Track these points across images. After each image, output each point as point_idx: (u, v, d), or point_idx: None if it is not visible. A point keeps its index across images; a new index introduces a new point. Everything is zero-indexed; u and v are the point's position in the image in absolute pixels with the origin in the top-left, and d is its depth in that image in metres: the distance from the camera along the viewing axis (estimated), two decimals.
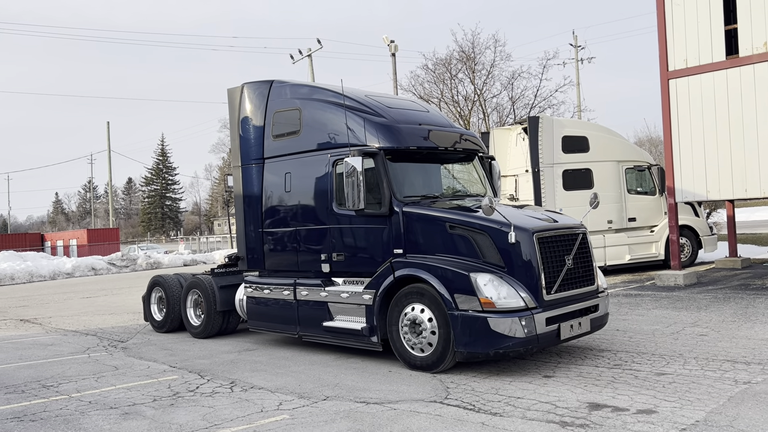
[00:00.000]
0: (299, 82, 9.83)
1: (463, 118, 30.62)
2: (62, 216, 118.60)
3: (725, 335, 8.65)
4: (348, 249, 8.52)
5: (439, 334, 7.26)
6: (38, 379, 8.11)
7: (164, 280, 11.53)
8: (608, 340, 8.72)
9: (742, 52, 13.02)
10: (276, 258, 9.58)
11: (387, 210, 8.04)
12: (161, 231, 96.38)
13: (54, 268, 30.18)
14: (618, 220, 16.38)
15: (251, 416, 6.13)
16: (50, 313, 15.68)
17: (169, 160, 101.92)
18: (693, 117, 13.69)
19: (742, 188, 13.21)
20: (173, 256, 36.05)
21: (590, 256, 7.90)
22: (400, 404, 6.26)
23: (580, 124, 20.61)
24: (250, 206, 9.85)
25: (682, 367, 7.12)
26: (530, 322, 6.92)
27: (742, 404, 5.72)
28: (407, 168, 8.55)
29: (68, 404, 6.85)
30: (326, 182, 8.69)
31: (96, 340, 11.15)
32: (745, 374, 6.69)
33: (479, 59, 30.70)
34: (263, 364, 8.41)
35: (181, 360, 8.98)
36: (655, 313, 10.65)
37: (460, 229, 7.60)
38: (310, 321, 8.78)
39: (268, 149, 9.61)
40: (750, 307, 10.69)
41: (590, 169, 16.10)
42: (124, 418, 6.27)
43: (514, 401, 6.16)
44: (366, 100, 8.79)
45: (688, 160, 13.83)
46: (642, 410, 5.70)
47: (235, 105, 10.13)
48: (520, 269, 7.16)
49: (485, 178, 9.37)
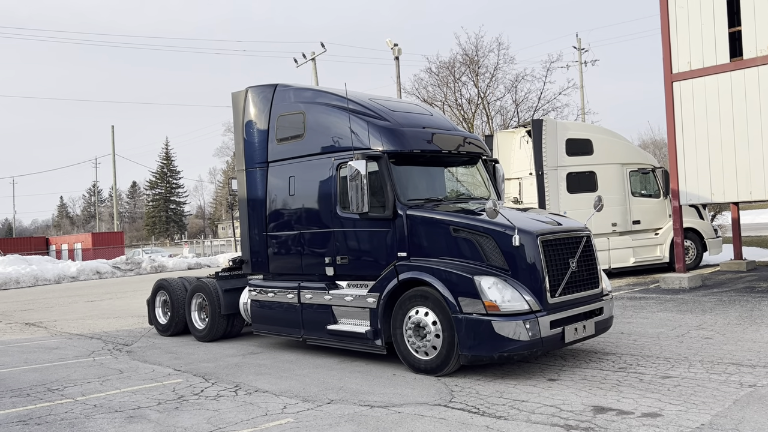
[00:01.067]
0: (303, 86, 9.86)
1: (466, 121, 30.62)
2: (67, 220, 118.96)
3: (730, 338, 8.62)
4: (352, 252, 8.53)
5: (444, 337, 7.25)
6: (43, 383, 8.14)
7: (169, 283, 11.56)
8: (613, 343, 8.71)
9: (746, 55, 12.99)
10: (280, 261, 9.59)
11: (391, 213, 8.05)
12: (165, 234, 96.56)
13: (59, 272, 30.26)
14: (622, 222, 16.35)
15: (256, 420, 6.14)
16: (55, 316, 15.73)
17: (174, 163, 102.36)
18: (697, 119, 13.67)
19: (747, 191, 13.17)
20: (177, 260, 36.15)
21: (594, 258, 7.89)
22: (405, 407, 6.26)
23: (584, 127, 20.58)
24: (255, 210, 9.87)
25: (687, 370, 7.10)
26: (534, 325, 6.91)
27: (748, 407, 5.70)
28: (411, 171, 8.56)
29: (73, 408, 6.87)
30: (330, 185, 8.71)
31: (101, 343, 11.18)
32: (750, 377, 6.67)
33: (483, 62, 30.77)
34: (267, 368, 8.42)
35: (186, 363, 9.00)
36: (659, 316, 10.62)
37: (464, 232, 7.60)
38: (315, 324, 8.79)
39: (273, 153, 9.63)
40: (755, 310, 10.65)
41: (594, 172, 16.08)
42: (129, 421, 6.29)
43: (519, 404, 6.15)
44: (369, 104, 8.81)
45: (692, 162, 13.80)
46: (647, 413, 5.68)
47: (240, 109, 10.17)
48: (524, 272, 7.15)
49: (489, 181, 9.37)
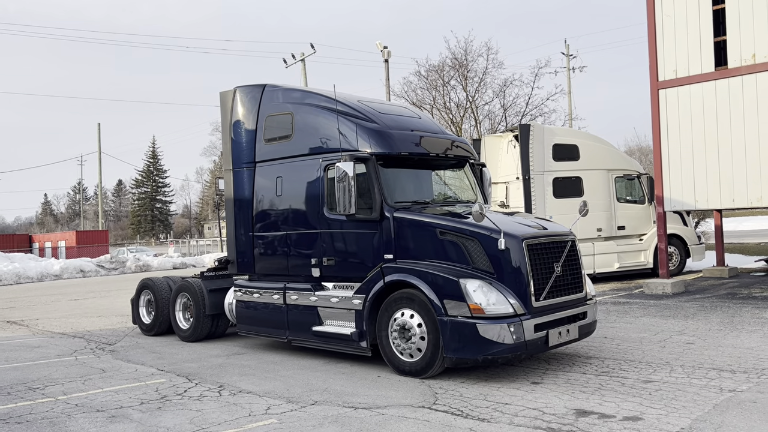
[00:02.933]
0: (292, 87, 9.85)
1: (455, 125, 30.72)
2: (51, 217, 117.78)
3: (711, 344, 8.72)
4: (338, 254, 8.53)
5: (429, 339, 7.27)
6: (24, 382, 8.06)
7: (153, 282, 11.49)
8: (596, 347, 8.77)
9: (730, 64, 13.17)
10: (266, 262, 9.57)
11: (378, 215, 8.06)
12: (151, 234, 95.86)
13: (42, 270, 29.94)
14: (607, 228, 16.49)
15: (239, 420, 6.12)
16: (37, 315, 15.56)
17: (160, 162, 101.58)
18: (682, 127, 13.83)
19: (730, 198, 13.34)
20: (163, 259, 35.90)
21: (579, 263, 7.95)
22: (389, 409, 6.27)
23: (571, 133, 20.74)
24: (241, 210, 9.84)
25: (669, 374, 7.17)
26: (519, 328, 6.95)
27: (727, 412, 5.77)
28: (398, 174, 8.58)
29: (54, 407, 6.81)
30: (317, 187, 8.71)
31: (83, 342, 11.08)
32: (730, 382, 6.75)
33: (472, 66, 30.89)
34: (252, 369, 8.40)
35: (170, 363, 8.94)
36: (642, 321, 10.72)
37: (451, 235, 7.63)
38: (300, 325, 8.78)
39: (260, 153, 9.61)
40: (736, 316, 10.78)
41: (580, 177, 16.21)
42: (110, 421, 6.24)
43: (502, 407, 6.19)
44: (358, 106, 8.82)
45: (677, 169, 13.95)
46: (628, 417, 5.74)
47: (228, 108, 10.14)
48: (509, 276, 7.20)
49: (476, 185, 9.41)
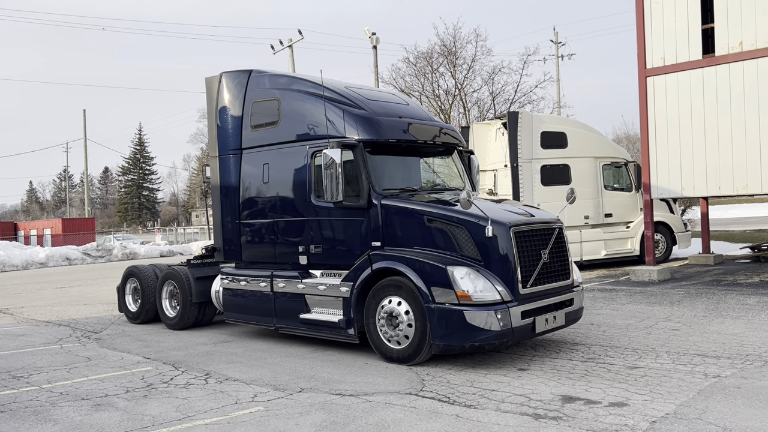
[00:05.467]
0: (278, 72, 9.74)
1: (443, 113, 30.65)
2: (36, 205, 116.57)
3: (696, 330, 8.79)
4: (326, 241, 8.50)
5: (416, 326, 7.27)
6: (8, 370, 7.98)
7: (139, 270, 11.40)
8: (582, 334, 8.82)
9: (718, 51, 13.19)
10: (253, 249, 9.51)
11: (365, 202, 8.02)
12: (138, 221, 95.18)
13: (27, 258, 29.65)
14: (594, 215, 16.56)
15: (225, 408, 6.09)
16: (22, 303, 15.42)
17: (147, 149, 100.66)
18: (669, 115, 13.87)
19: (716, 186, 13.42)
20: (149, 247, 35.64)
21: (566, 250, 7.97)
22: (376, 396, 6.27)
23: (559, 120, 20.73)
24: (228, 197, 9.76)
25: (654, 360, 7.23)
26: (506, 315, 6.97)
27: (711, 397, 5.83)
28: (386, 161, 8.53)
29: (39, 395, 6.75)
30: (305, 174, 8.64)
31: (69, 330, 11.00)
32: (714, 368, 6.81)
33: (460, 53, 30.80)
34: (239, 356, 8.37)
35: (156, 351, 8.89)
36: (629, 308, 10.79)
37: (438, 223, 7.61)
38: (287, 313, 8.75)
39: (246, 139, 9.52)
40: (721, 303, 10.88)
41: (568, 165, 16.24)
42: (95, 409, 6.20)
43: (489, 393, 6.21)
44: (346, 92, 8.75)
45: (664, 157, 14.01)
46: (614, 403, 5.77)
47: (213, 94, 10.03)
48: (496, 263, 7.20)
49: (464, 173, 9.39)
